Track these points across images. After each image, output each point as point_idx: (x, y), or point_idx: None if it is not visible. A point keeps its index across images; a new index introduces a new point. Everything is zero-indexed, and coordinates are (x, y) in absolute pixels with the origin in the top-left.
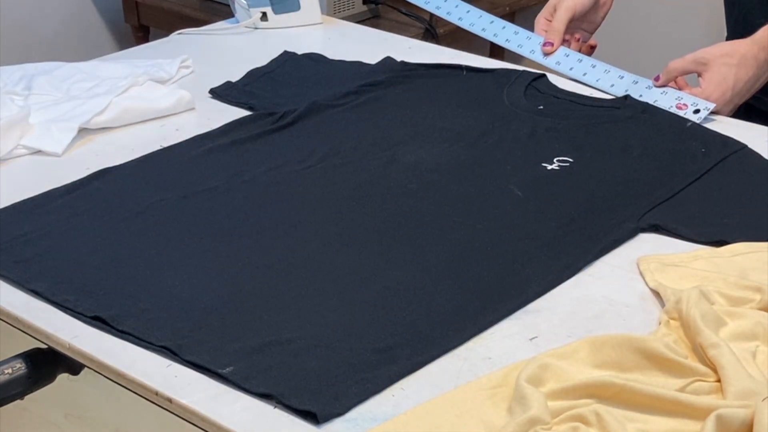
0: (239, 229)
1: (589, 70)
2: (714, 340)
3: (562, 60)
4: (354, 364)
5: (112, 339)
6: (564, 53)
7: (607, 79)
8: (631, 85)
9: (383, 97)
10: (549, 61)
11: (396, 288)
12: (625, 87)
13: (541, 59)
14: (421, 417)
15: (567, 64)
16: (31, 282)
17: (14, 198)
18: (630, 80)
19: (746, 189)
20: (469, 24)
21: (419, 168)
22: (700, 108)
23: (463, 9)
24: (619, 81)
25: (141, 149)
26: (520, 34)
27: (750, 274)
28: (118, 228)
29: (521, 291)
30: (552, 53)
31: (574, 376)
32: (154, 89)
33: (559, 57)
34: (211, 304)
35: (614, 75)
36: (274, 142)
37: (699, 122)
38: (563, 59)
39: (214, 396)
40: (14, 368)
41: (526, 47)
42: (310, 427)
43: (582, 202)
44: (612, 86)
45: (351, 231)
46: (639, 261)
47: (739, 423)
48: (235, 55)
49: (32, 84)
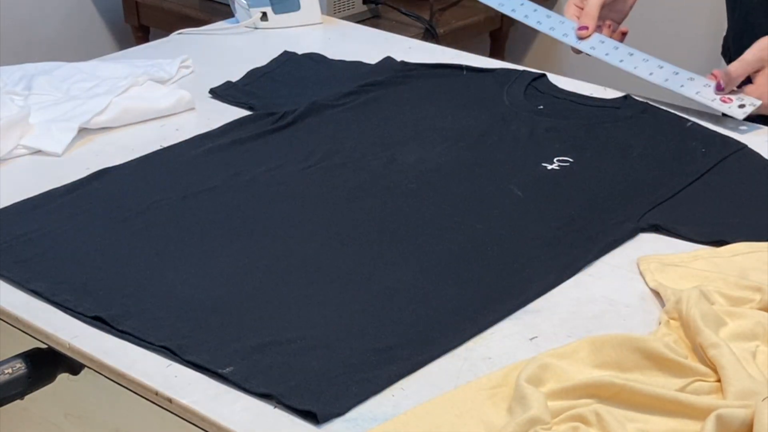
0: (239, 229)
1: (626, 57)
2: (714, 340)
3: (597, 45)
4: (354, 364)
5: (112, 339)
6: (599, 39)
7: (645, 67)
8: (672, 75)
9: (383, 97)
10: (583, 46)
11: (396, 288)
12: (666, 76)
13: (575, 43)
14: (421, 417)
15: (602, 50)
16: (31, 282)
17: (14, 198)
18: (670, 70)
19: (746, 189)
20: (498, 4)
21: (419, 168)
22: (745, 103)
23: None
24: (658, 70)
25: (141, 149)
26: (552, 17)
27: (750, 274)
28: (118, 228)
29: (521, 291)
30: (587, 37)
31: (574, 376)
32: (154, 89)
33: (593, 42)
34: (211, 304)
35: (654, 64)
36: (274, 142)
37: (742, 118)
38: (598, 45)
39: (214, 396)
40: (14, 368)
41: (558, 30)
42: (310, 427)
43: (582, 202)
44: (651, 74)
45: (351, 231)
46: (639, 261)
47: (739, 423)
48: (235, 55)
49: (32, 84)
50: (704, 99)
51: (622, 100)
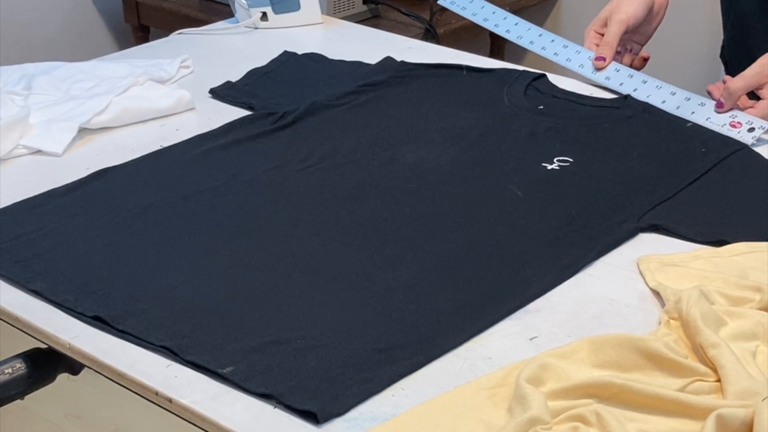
0: (239, 229)
1: (639, 86)
2: (714, 339)
3: (612, 75)
4: (354, 364)
5: (112, 339)
6: (614, 68)
7: (658, 95)
8: (683, 101)
9: (383, 97)
10: (598, 76)
11: (396, 288)
12: (677, 103)
13: (590, 74)
14: (421, 417)
15: (617, 80)
16: (31, 282)
17: (14, 198)
18: (682, 96)
19: (746, 189)
20: (517, 36)
21: (419, 168)
22: (755, 126)
23: (511, 21)
24: (671, 97)
25: (141, 149)
26: (569, 48)
27: (750, 274)
28: (118, 228)
29: (521, 291)
30: (604, 68)
31: (574, 376)
32: (154, 89)
33: (609, 72)
34: (211, 304)
35: (666, 91)
36: (274, 142)
37: (752, 142)
38: (613, 74)
39: (214, 396)
40: (14, 368)
41: (575, 61)
42: (310, 427)
43: (582, 202)
44: (663, 102)
45: (351, 231)
46: (639, 261)
47: (739, 423)
48: (235, 55)
49: (32, 84)
50: (714, 126)
51: (622, 100)
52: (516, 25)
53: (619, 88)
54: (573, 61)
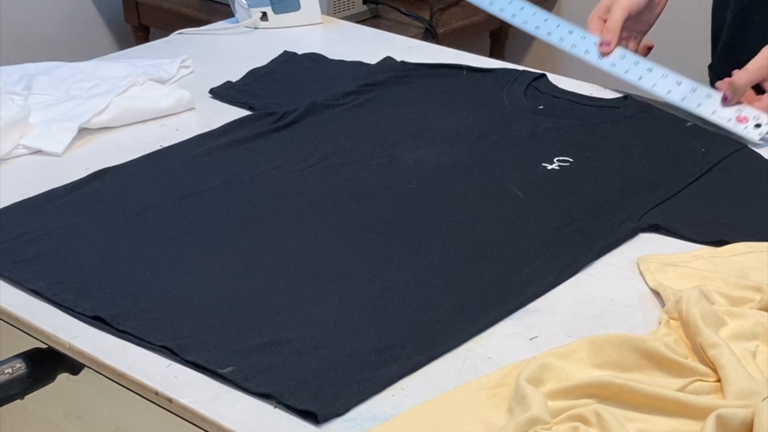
0: (239, 229)
1: (645, 74)
2: (714, 339)
3: (618, 62)
4: (354, 364)
5: (112, 339)
6: (620, 55)
7: (663, 84)
8: (690, 93)
9: (383, 97)
10: (603, 63)
11: (396, 288)
12: (683, 94)
13: (596, 60)
14: (421, 417)
15: (622, 67)
16: (31, 282)
17: (14, 198)
18: (688, 87)
19: (746, 189)
20: (522, 21)
21: (419, 168)
22: (762, 123)
23: (516, 5)
24: (676, 87)
25: (141, 149)
26: (574, 33)
27: (750, 274)
28: (118, 228)
29: (521, 291)
30: (609, 53)
31: (574, 376)
32: (154, 89)
33: (614, 59)
34: (211, 304)
35: (672, 80)
36: (274, 142)
37: (759, 138)
38: (619, 61)
39: (214, 396)
40: (14, 368)
41: (580, 47)
42: (310, 427)
43: (582, 202)
44: (669, 92)
45: (351, 231)
46: (639, 261)
47: (739, 423)
48: (235, 55)
49: (32, 84)
50: (720, 120)
51: (622, 100)
52: (522, 9)
53: (624, 76)
54: (578, 47)
